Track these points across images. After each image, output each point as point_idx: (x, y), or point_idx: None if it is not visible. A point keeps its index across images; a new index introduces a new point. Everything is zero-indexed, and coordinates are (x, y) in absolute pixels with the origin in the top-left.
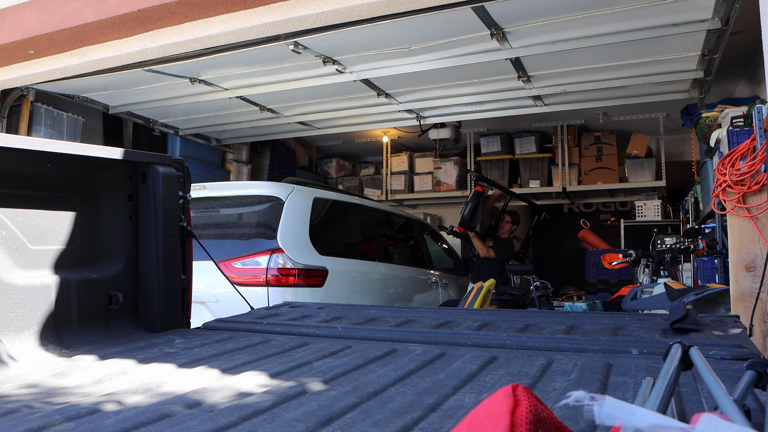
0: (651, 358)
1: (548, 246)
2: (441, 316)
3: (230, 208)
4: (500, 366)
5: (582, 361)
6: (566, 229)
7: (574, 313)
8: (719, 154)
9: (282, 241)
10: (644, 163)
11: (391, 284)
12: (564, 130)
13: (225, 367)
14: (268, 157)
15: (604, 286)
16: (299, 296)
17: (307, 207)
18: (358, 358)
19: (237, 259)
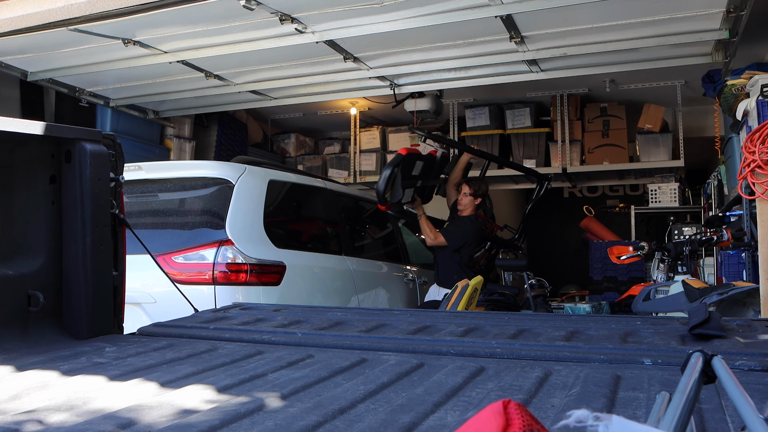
0: (667, 370)
1: (546, 237)
2: (419, 319)
3: (170, 193)
4: (489, 378)
5: (585, 373)
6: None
7: (576, 316)
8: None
9: (231, 232)
10: (659, 140)
11: (360, 282)
12: (564, 101)
13: (164, 380)
14: (215, 132)
15: (612, 284)
16: (252, 296)
17: (261, 191)
18: (322, 370)
19: (178, 253)
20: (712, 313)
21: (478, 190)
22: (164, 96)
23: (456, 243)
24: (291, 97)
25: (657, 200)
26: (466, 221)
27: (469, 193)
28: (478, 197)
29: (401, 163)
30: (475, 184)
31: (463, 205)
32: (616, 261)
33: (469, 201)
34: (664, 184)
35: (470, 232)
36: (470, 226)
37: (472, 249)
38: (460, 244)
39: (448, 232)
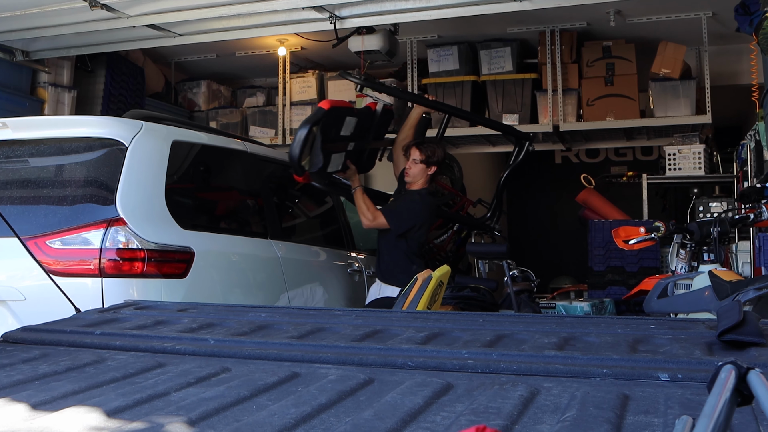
0: (689, 387)
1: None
2: (367, 322)
3: (44, 158)
4: (458, 399)
5: (583, 392)
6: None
7: (571, 317)
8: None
9: (124, 208)
10: (678, 89)
11: (291, 274)
12: (556, 38)
13: (37, 401)
14: (103, 78)
15: (618, 276)
16: (151, 292)
17: (162, 155)
18: (241, 387)
19: (55, 236)
20: (748, 314)
21: (432, 155)
22: (37, 32)
23: (400, 225)
24: (201, 33)
25: (676, 167)
26: (414, 197)
27: (420, 159)
28: (432, 165)
29: (322, 120)
30: (427, 148)
31: (412, 175)
32: (624, 246)
33: (419, 170)
34: (685, 147)
35: (419, 212)
36: (420, 203)
37: (423, 233)
38: (407, 227)
39: (390, 211)
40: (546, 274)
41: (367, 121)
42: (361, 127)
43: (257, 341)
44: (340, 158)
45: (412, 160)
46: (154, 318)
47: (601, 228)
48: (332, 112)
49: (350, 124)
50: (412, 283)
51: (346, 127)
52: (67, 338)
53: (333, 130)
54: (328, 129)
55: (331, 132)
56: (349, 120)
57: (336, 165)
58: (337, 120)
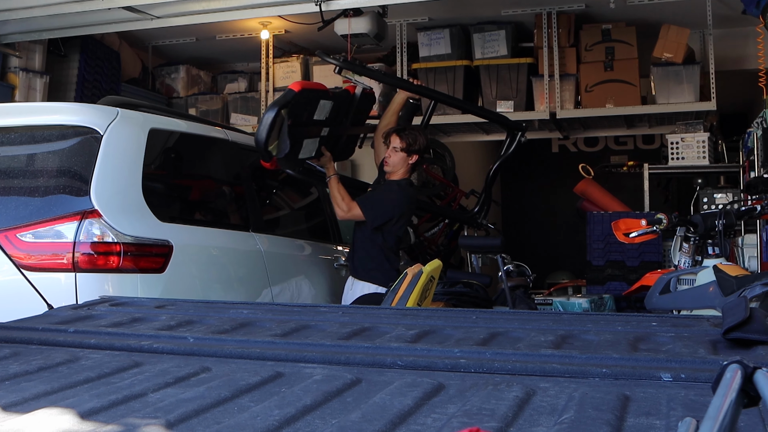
0: (692, 388)
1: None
2: (354, 319)
3: (14, 146)
4: (450, 400)
5: (581, 392)
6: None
7: (568, 314)
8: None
9: (98, 200)
10: (681, 74)
11: (274, 268)
12: (553, 21)
13: (7, 402)
14: (76, 63)
15: (618, 271)
16: (127, 287)
17: (138, 144)
18: (222, 388)
19: (25, 228)
20: (755, 311)
21: (414, 143)
22: (6, 14)
23: (376, 218)
24: (180, 15)
25: (679, 156)
26: (393, 187)
27: (400, 147)
28: (414, 154)
29: (292, 103)
30: (408, 135)
31: (392, 164)
32: (624, 239)
33: (399, 159)
34: (688, 135)
35: (397, 203)
36: (398, 194)
37: (401, 227)
38: (383, 220)
39: (366, 202)
40: (542, 268)
41: (344, 106)
42: (337, 112)
43: (239, 339)
44: (313, 144)
45: (392, 148)
46: (131, 315)
47: (601, 220)
48: (304, 95)
49: (325, 108)
50: (402, 279)
51: (320, 111)
52: (39, 336)
53: (305, 113)
54: (300, 112)
55: (303, 116)
56: (323, 104)
57: (309, 151)
58: (310, 103)
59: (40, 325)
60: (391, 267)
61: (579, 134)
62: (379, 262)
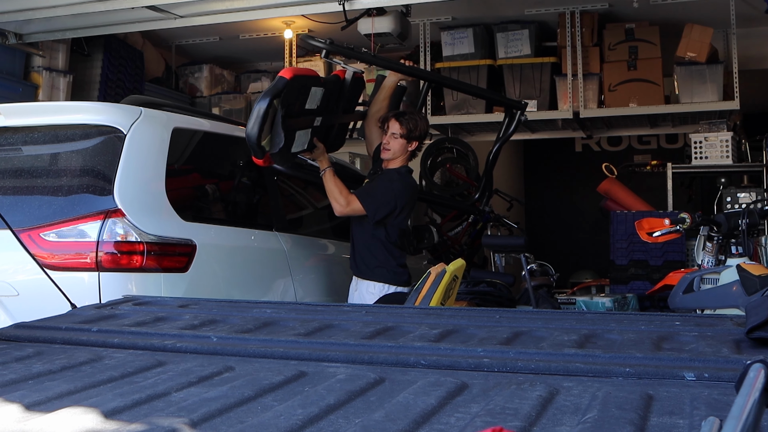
0: (716, 387)
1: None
2: (378, 318)
3: (38, 146)
4: (473, 399)
5: (605, 392)
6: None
7: (592, 313)
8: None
9: (122, 199)
10: (705, 73)
11: (297, 268)
12: (576, 20)
13: (30, 402)
14: (100, 63)
15: (641, 270)
16: (150, 287)
17: (162, 143)
18: (245, 387)
19: (49, 228)
20: None
21: (414, 129)
22: (30, 13)
23: (377, 210)
24: (203, 14)
25: (703, 156)
26: (393, 176)
27: (400, 133)
28: (414, 140)
29: (284, 92)
30: (409, 119)
31: (392, 151)
32: (647, 239)
33: (399, 146)
34: (712, 134)
35: (399, 193)
36: (399, 183)
37: (404, 219)
38: (385, 212)
39: (365, 194)
40: (566, 268)
41: (335, 92)
42: (328, 99)
43: (262, 339)
44: (305, 136)
45: (390, 135)
46: (154, 314)
47: (624, 220)
48: (295, 82)
49: (316, 95)
50: (425, 278)
51: (311, 99)
52: (63, 336)
53: (297, 103)
54: (292, 102)
55: (295, 105)
56: (314, 91)
57: (301, 144)
58: (302, 91)
59: (63, 325)
60: (397, 263)
61: (602, 133)
62: (383, 259)
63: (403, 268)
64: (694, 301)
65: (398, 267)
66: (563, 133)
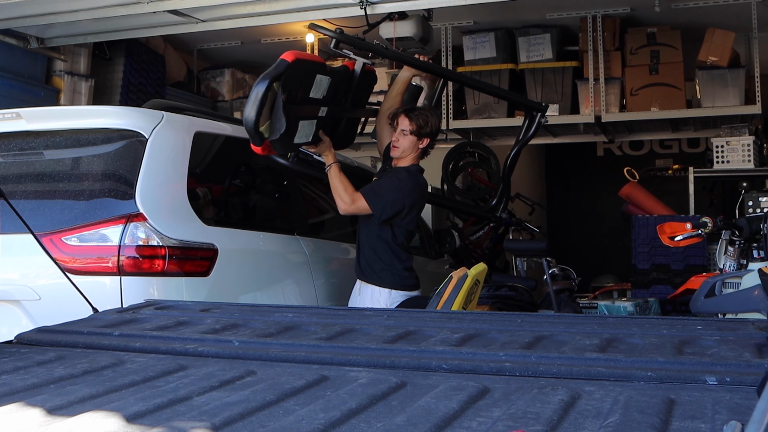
0: (738, 391)
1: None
2: (399, 322)
3: (60, 150)
4: (495, 403)
5: (626, 396)
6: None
7: (614, 318)
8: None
9: (143, 203)
10: (727, 77)
11: (319, 272)
12: (598, 25)
13: (52, 406)
14: (121, 67)
15: (663, 274)
16: (172, 291)
17: (184, 148)
18: (267, 391)
19: (71, 232)
20: None
21: (425, 125)
22: (52, 18)
23: (384, 210)
24: (225, 18)
25: (724, 160)
26: (401, 174)
27: (410, 129)
28: (425, 137)
29: (285, 75)
30: (419, 115)
31: (401, 149)
32: (669, 243)
33: (409, 143)
34: (734, 138)
35: (407, 192)
36: (408, 181)
37: (411, 220)
38: (392, 213)
39: (372, 192)
40: (587, 272)
41: (343, 84)
42: (335, 91)
43: (284, 343)
44: (310, 127)
45: (400, 131)
46: (176, 318)
47: (646, 224)
48: (298, 66)
49: (322, 84)
50: (447, 282)
51: (316, 87)
52: (84, 340)
53: (300, 89)
54: (294, 87)
55: (298, 92)
56: (320, 79)
57: (305, 135)
58: (306, 77)
59: (85, 329)
60: (403, 267)
61: (624, 138)
62: (387, 262)
63: (409, 272)
64: (716, 306)
65: (404, 270)
66: (585, 138)
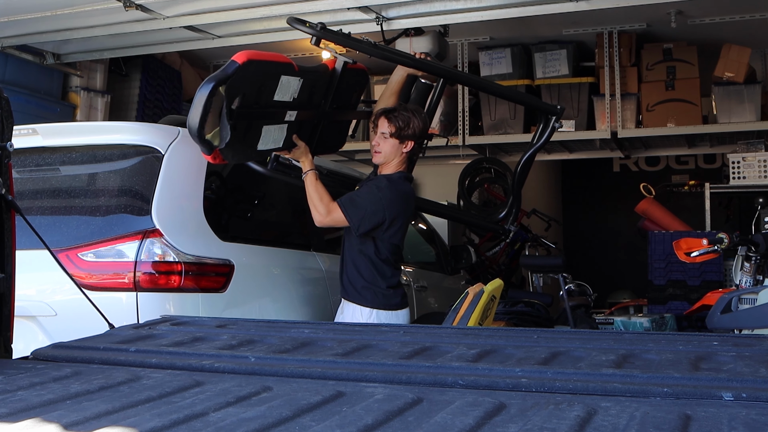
0: (754, 407)
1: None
2: (415, 338)
3: (76, 166)
4: (511, 419)
5: (642, 412)
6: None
7: (630, 333)
8: None
9: (160, 219)
10: (743, 93)
11: (335, 287)
12: (614, 40)
13: (68, 422)
14: (138, 83)
15: (679, 290)
16: (188, 307)
17: (200, 164)
18: (283, 407)
19: (87, 248)
20: None
21: (405, 126)
22: (68, 33)
23: (362, 221)
24: (241, 34)
25: (740, 176)
26: (381, 183)
27: (390, 132)
28: (407, 140)
29: (234, 78)
30: (399, 116)
31: (383, 154)
32: (685, 259)
33: (390, 147)
34: (749, 154)
35: (389, 203)
36: (387, 191)
37: (396, 232)
38: (371, 225)
39: (349, 203)
40: (603, 288)
41: (321, 85)
42: (311, 92)
43: (300, 359)
44: (279, 132)
45: (380, 134)
46: (192, 334)
47: (662, 240)
48: (252, 68)
49: (290, 86)
50: (463, 298)
51: (283, 89)
52: (101, 355)
53: (259, 93)
54: (251, 91)
55: (256, 96)
56: (287, 81)
57: (273, 141)
58: (266, 79)
59: (101, 345)
60: (387, 285)
61: (640, 153)
62: (370, 279)
63: (394, 289)
64: (732, 321)
65: (387, 289)
66: (601, 153)
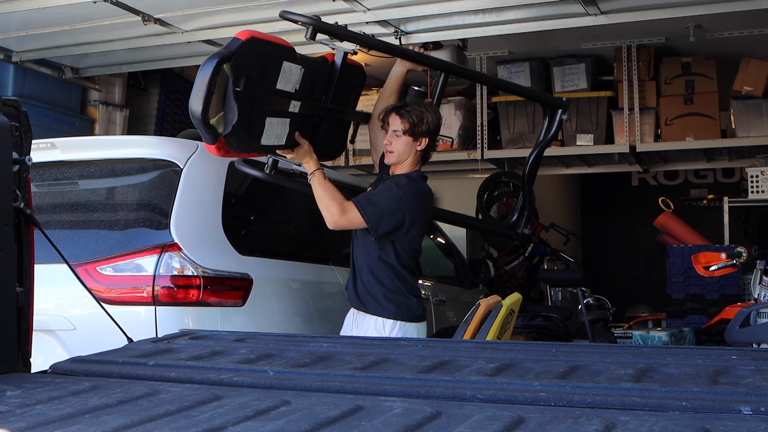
0: None
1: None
2: (434, 352)
3: (95, 180)
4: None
5: (661, 426)
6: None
7: (648, 347)
8: None
9: (178, 233)
10: (762, 107)
11: None
12: (633, 54)
13: None
14: (156, 97)
15: (698, 304)
16: (207, 321)
17: (218, 178)
18: (301, 421)
19: (106, 262)
20: None
21: (419, 122)
22: (87, 48)
23: (381, 222)
24: None
25: (759, 190)
26: (400, 181)
27: (403, 129)
28: (422, 136)
29: (238, 56)
30: (412, 112)
31: (396, 153)
32: (704, 273)
33: (404, 145)
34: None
35: (409, 202)
36: (409, 190)
37: (416, 235)
38: (391, 226)
39: (366, 202)
40: (622, 302)
41: (321, 78)
42: (312, 85)
43: (319, 373)
44: (282, 127)
45: (392, 132)
46: (211, 348)
47: (681, 254)
48: (255, 47)
49: (292, 74)
50: (474, 310)
51: (285, 77)
52: (119, 369)
53: (262, 76)
54: (254, 73)
55: (261, 81)
56: (289, 68)
57: (276, 136)
58: (269, 63)
59: (120, 359)
60: (411, 293)
61: (659, 167)
62: (392, 288)
63: (417, 299)
64: (751, 335)
65: (413, 298)
66: (619, 168)
